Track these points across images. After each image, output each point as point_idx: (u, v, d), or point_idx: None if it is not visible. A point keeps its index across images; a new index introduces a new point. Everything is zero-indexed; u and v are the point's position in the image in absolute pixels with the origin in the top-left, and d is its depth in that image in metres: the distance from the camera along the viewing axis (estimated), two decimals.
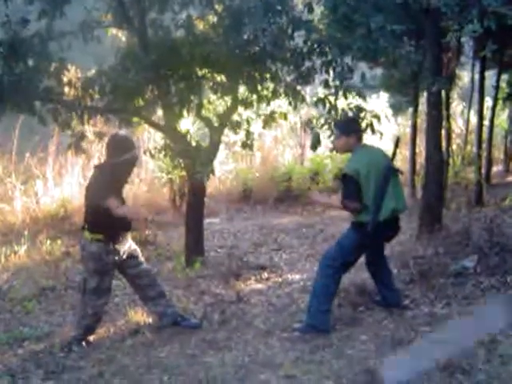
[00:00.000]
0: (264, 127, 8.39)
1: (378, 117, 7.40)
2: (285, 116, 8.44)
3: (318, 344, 5.69)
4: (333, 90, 7.10)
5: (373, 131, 7.38)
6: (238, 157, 13.27)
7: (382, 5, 6.54)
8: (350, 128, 6.12)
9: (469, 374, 4.75)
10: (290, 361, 5.38)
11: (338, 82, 6.94)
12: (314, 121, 7.49)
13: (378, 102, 13.26)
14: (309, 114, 8.11)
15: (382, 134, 7.64)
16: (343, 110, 7.34)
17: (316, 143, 7.39)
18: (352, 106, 7.38)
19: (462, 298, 6.49)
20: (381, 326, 6.00)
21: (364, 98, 7.28)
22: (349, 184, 5.85)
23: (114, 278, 7.69)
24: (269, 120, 8.17)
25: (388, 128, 14.55)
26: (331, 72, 7.01)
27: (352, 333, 5.91)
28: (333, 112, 7.32)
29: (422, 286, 6.87)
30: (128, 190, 10.96)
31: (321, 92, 7.41)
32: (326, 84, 7.11)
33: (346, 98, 7.15)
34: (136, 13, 7.63)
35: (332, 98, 7.31)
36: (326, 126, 7.34)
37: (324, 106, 7.36)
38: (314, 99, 7.54)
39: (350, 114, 7.33)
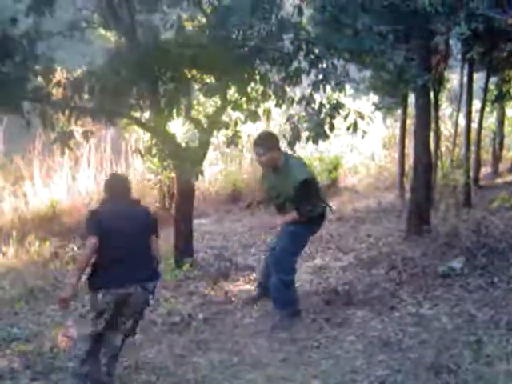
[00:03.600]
0: (246, 122, 8.35)
1: (362, 116, 7.43)
2: (268, 113, 8.39)
3: (305, 344, 5.72)
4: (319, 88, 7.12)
5: (355, 130, 7.41)
6: (227, 158, 13.27)
7: (369, 6, 6.58)
8: (273, 143, 6.35)
9: (455, 374, 4.77)
10: (278, 361, 5.40)
11: (320, 77, 6.96)
12: (296, 117, 7.53)
13: (367, 104, 13.28)
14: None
15: (364, 132, 7.69)
16: (322, 104, 7.35)
17: (295, 139, 7.46)
18: (332, 100, 7.40)
19: (449, 299, 6.52)
20: (368, 327, 6.02)
21: (344, 90, 7.29)
22: (312, 187, 6.31)
23: None
24: (252, 117, 8.14)
25: (376, 130, 14.63)
26: (316, 70, 7.03)
27: (340, 333, 5.93)
28: (315, 108, 7.35)
29: (409, 286, 6.90)
30: None
31: (307, 93, 7.41)
32: (314, 85, 7.12)
33: (324, 91, 7.16)
34: (125, 13, 7.61)
35: (316, 96, 7.34)
36: (307, 124, 7.37)
37: (308, 103, 7.38)
38: (298, 97, 7.57)
39: (328, 108, 7.37)
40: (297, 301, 6.48)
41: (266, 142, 6.37)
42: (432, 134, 9.71)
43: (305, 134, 7.47)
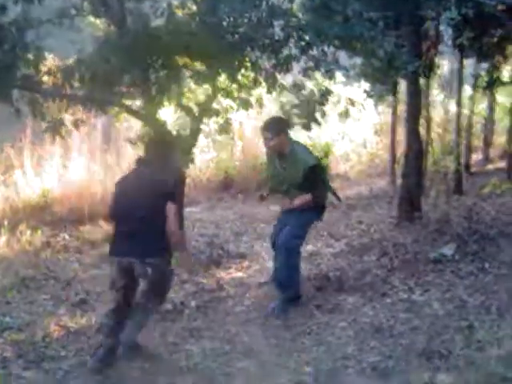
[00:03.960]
0: (238, 110, 8.34)
1: (353, 103, 7.45)
2: (260, 101, 8.39)
3: (298, 331, 5.75)
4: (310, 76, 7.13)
5: (347, 117, 7.44)
6: (218, 145, 13.24)
7: None
8: (281, 128, 6.37)
9: (446, 359, 4.80)
10: (271, 348, 5.42)
11: (311, 64, 6.96)
12: (289, 105, 7.53)
13: (358, 91, 13.26)
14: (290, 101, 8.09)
15: (356, 119, 7.72)
16: (312, 91, 7.36)
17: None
18: (321, 87, 7.40)
19: (440, 284, 6.55)
20: (360, 313, 6.05)
21: (333, 78, 7.30)
22: (320, 173, 6.43)
23: (94, 268, 7.75)
24: (244, 105, 8.13)
25: (368, 117, 14.61)
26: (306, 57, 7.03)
27: (331, 319, 5.97)
28: (306, 94, 7.36)
29: (401, 273, 6.93)
30: (108, 180, 10.95)
31: (298, 79, 7.41)
32: (304, 72, 7.12)
33: (309, 77, 7.18)
34: (115, 1, 7.56)
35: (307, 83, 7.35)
36: (299, 111, 7.37)
37: (299, 90, 7.38)
38: (289, 84, 7.57)
39: (318, 96, 7.37)
40: (299, 284, 6.49)
41: (275, 126, 6.36)
42: (423, 121, 9.71)
43: (297, 121, 7.47)
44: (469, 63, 12.06)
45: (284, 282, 6.36)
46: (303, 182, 6.17)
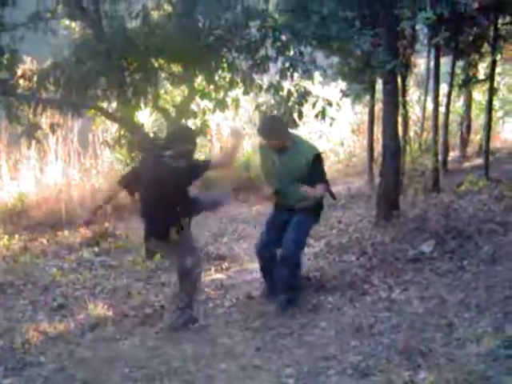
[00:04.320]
0: (214, 112, 8.31)
1: (330, 103, 7.45)
2: (236, 102, 8.38)
3: (279, 332, 5.74)
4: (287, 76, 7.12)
5: (323, 117, 7.43)
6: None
7: None
8: (286, 129, 6.34)
9: (427, 357, 4.82)
10: (252, 350, 5.41)
11: (287, 65, 6.96)
12: (265, 105, 7.51)
13: (335, 90, 13.29)
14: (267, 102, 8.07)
15: (333, 119, 7.73)
16: (290, 91, 7.36)
17: None
18: (299, 87, 7.40)
19: (420, 282, 6.58)
20: (340, 313, 6.06)
21: (311, 79, 7.30)
22: (322, 164, 6.36)
23: (73, 272, 7.68)
24: (220, 106, 8.11)
25: (345, 116, 14.65)
26: (283, 58, 7.03)
27: (312, 320, 5.97)
28: (284, 95, 7.35)
29: (380, 271, 6.94)
30: (85, 182, 10.89)
31: (275, 80, 7.40)
32: (281, 73, 7.11)
33: (292, 78, 7.17)
34: (90, 3, 7.53)
35: (284, 83, 7.35)
36: (275, 111, 7.35)
37: (276, 91, 7.37)
38: (265, 85, 7.56)
39: (296, 96, 7.36)
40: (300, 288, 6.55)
41: (281, 130, 6.26)
42: (400, 119, 9.74)
43: None
44: (445, 61, 12.13)
45: (286, 284, 6.27)
46: (308, 174, 6.05)
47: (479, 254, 7.06)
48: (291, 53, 6.99)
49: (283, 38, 7.03)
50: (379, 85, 10.61)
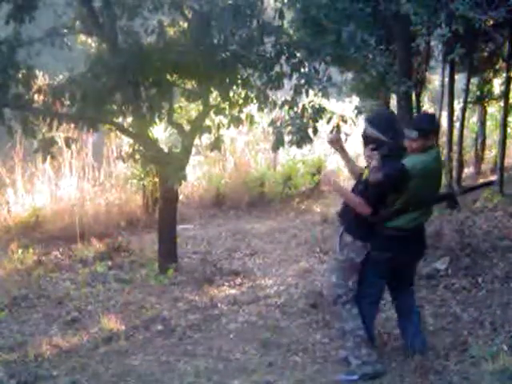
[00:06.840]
0: (228, 127, 8.33)
1: (345, 120, 7.45)
2: (251, 118, 8.39)
3: (291, 348, 5.72)
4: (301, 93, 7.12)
5: (338, 132, 7.43)
6: (210, 162, 13.24)
7: (351, 12, 6.59)
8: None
9: (441, 375, 4.79)
10: (264, 366, 5.39)
11: (302, 82, 6.95)
12: (279, 122, 7.48)
13: (350, 106, 13.30)
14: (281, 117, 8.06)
15: (347, 134, 7.72)
16: (304, 107, 7.33)
17: (278, 144, 7.39)
18: (314, 104, 7.38)
19: (434, 300, 6.54)
20: None
21: (327, 96, 7.23)
22: None
23: (86, 286, 7.69)
24: (234, 122, 8.12)
25: (359, 131, 14.63)
26: (298, 74, 7.03)
27: (325, 336, 5.94)
28: (298, 112, 7.33)
29: None
30: (99, 197, 10.92)
31: (290, 97, 7.40)
32: (296, 89, 7.12)
33: (307, 95, 7.14)
34: (106, 19, 7.58)
35: (299, 100, 7.33)
36: (290, 127, 7.30)
37: (290, 107, 7.36)
38: (281, 101, 7.55)
39: (311, 113, 7.32)
40: None
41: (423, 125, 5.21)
42: None
43: (288, 138, 7.42)
44: (459, 77, 12.13)
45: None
46: None
47: (494, 271, 7.02)
48: (306, 69, 7.00)
49: (298, 54, 7.05)
50: (393, 100, 10.61)
